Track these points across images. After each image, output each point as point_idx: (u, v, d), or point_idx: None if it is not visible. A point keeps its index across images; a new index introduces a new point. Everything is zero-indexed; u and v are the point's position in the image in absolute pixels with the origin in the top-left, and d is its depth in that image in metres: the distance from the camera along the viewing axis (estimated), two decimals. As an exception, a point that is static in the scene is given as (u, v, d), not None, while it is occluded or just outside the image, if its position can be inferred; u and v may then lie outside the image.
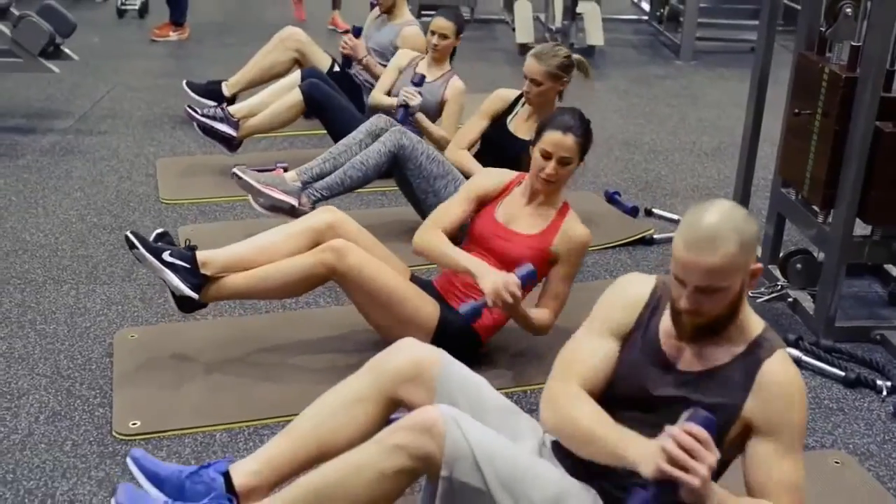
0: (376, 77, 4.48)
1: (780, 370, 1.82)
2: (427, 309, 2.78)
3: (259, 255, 2.79)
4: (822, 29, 3.23)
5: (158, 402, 2.68)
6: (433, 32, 4.12)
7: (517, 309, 2.68)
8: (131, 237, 2.71)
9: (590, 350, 1.94)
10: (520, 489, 1.82)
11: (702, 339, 1.85)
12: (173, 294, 2.77)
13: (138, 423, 2.58)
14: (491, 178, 2.99)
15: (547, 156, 2.76)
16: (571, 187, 3.32)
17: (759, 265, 1.81)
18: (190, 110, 4.32)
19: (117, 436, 2.54)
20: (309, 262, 2.72)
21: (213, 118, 4.29)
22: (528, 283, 2.68)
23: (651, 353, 1.90)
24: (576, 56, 3.59)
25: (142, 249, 2.70)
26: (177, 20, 6.93)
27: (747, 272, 1.79)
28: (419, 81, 4.06)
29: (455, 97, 4.10)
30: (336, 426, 2.05)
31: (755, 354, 1.83)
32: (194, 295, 2.73)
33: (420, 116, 4.05)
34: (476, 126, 3.71)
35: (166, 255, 2.72)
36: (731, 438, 1.83)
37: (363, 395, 2.07)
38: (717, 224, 1.72)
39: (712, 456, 1.64)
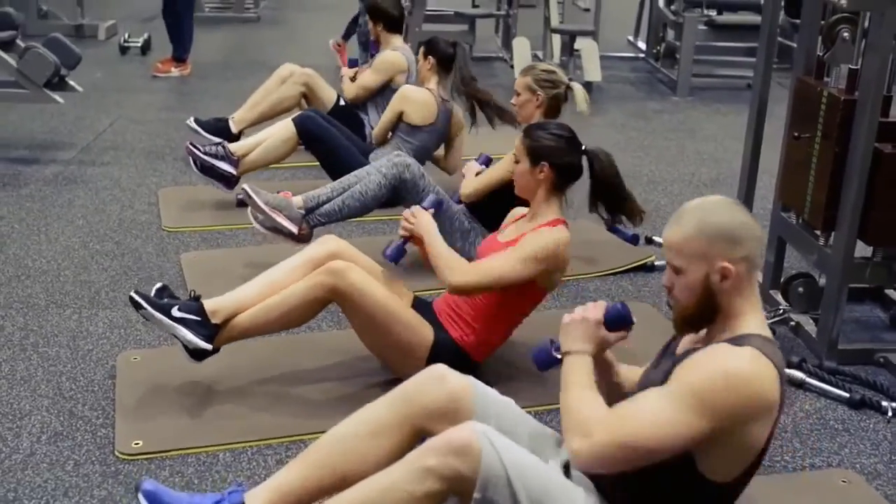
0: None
1: (724, 347, 1.75)
2: (422, 333, 2.78)
3: (263, 294, 2.77)
4: (820, 53, 3.27)
5: (161, 423, 2.67)
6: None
7: (418, 236, 2.85)
8: (136, 297, 2.67)
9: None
10: None
11: (687, 330, 1.91)
12: (185, 346, 2.72)
13: (141, 442, 2.57)
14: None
15: None
16: (573, 217, 3.33)
17: (728, 265, 1.78)
18: (192, 147, 4.25)
19: (120, 455, 2.52)
20: (308, 287, 2.71)
21: (215, 156, 4.25)
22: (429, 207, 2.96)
23: (666, 353, 1.98)
24: (573, 83, 3.62)
25: (149, 308, 2.66)
26: (179, 56, 6.99)
27: (713, 266, 1.79)
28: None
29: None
30: (359, 456, 1.99)
31: (723, 342, 1.81)
32: (208, 346, 2.69)
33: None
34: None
35: (175, 311, 2.68)
36: None
37: (390, 424, 2.01)
38: (690, 205, 1.85)
39: (591, 311, 1.93)
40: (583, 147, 2.86)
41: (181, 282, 3.59)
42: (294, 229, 3.48)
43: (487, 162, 3.81)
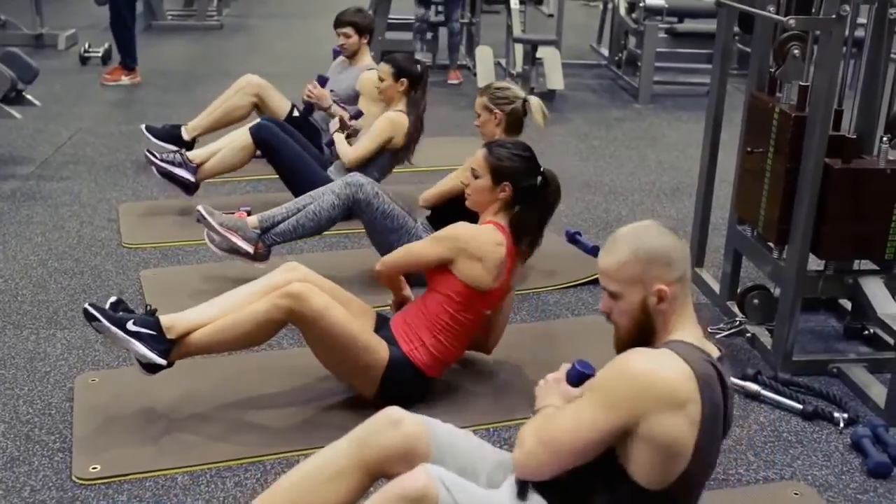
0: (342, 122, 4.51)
1: (633, 351, 1.86)
2: (378, 353, 2.79)
3: (223, 314, 2.75)
4: (772, 70, 3.32)
5: (119, 446, 2.65)
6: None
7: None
8: (91, 310, 2.64)
9: None
10: None
11: None
12: (139, 361, 2.71)
13: (98, 467, 2.55)
14: None
15: None
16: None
17: (664, 287, 1.87)
18: (150, 154, 4.35)
19: (77, 480, 2.51)
20: (266, 308, 2.69)
21: (172, 163, 4.32)
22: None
23: None
24: (529, 97, 3.65)
25: (104, 321, 2.63)
26: (128, 65, 6.96)
27: (650, 289, 1.87)
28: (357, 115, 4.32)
29: None
30: (318, 500, 2.00)
31: None
32: (163, 362, 2.67)
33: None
34: None
35: (130, 325, 2.65)
36: None
37: (346, 469, 2.02)
38: (621, 232, 1.94)
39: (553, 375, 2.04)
40: (541, 169, 2.90)
41: (140, 299, 3.58)
42: (250, 249, 3.49)
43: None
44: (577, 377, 2.03)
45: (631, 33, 7.76)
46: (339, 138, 4.29)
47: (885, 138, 3.13)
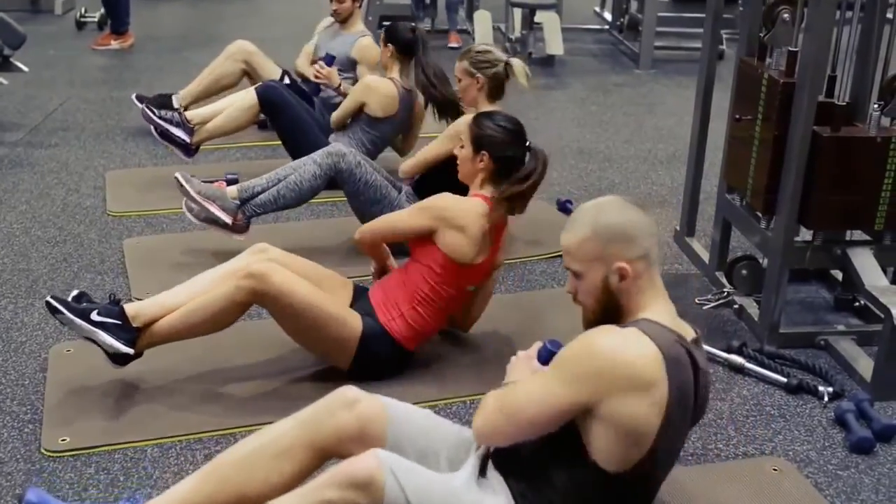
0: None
1: (599, 328, 1.82)
2: (350, 326, 2.74)
3: (189, 299, 2.70)
4: (762, 35, 3.23)
5: (90, 418, 2.63)
6: None
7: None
8: (53, 302, 2.60)
9: None
10: None
11: None
12: (106, 351, 2.67)
13: (68, 439, 2.53)
14: None
15: None
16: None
17: (624, 265, 1.82)
18: (148, 110, 4.27)
19: (45, 453, 2.49)
20: (228, 290, 2.64)
21: (170, 121, 4.28)
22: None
23: None
24: (511, 59, 3.57)
25: (67, 314, 2.60)
26: (117, 29, 6.89)
27: (611, 266, 1.82)
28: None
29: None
30: (261, 476, 1.95)
31: None
32: (130, 351, 2.64)
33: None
34: None
35: (94, 315, 2.62)
36: None
37: (295, 446, 1.97)
38: (582, 208, 1.90)
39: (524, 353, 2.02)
40: (527, 143, 2.83)
41: (122, 268, 3.54)
42: (228, 220, 3.43)
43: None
44: (548, 356, 1.99)
45: (633, -3, 7.63)
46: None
47: (876, 105, 3.05)
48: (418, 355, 2.92)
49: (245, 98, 4.30)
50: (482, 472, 1.92)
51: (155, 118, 4.26)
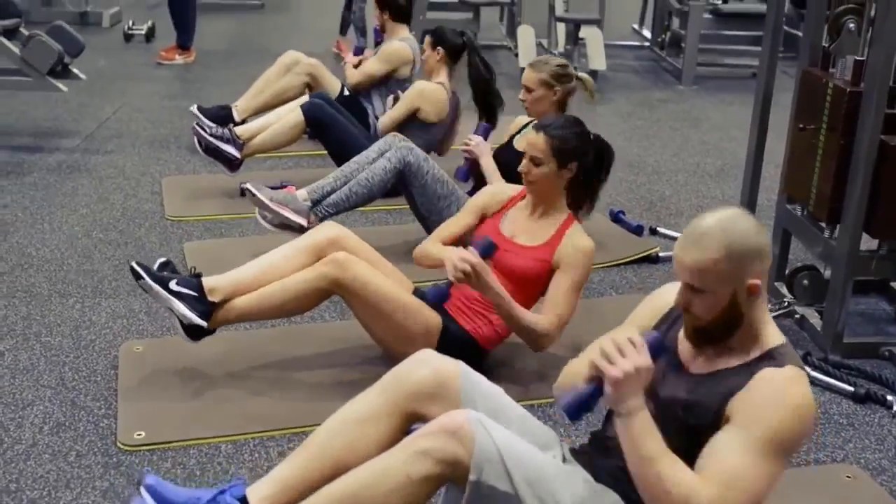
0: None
1: (779, 377, 1.73)
2: (429, 321, 2.77)
3: (263, 276, 2.78)
4: (826, 45, 3.24)
5: (163, 414, 2.66)
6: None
7: (483, 282, 2.57)
8: (136, 268, 2.69)
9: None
10: (548, 491, 1.80)
11: (705, 343, 1.83)
12: (181, 322, 2.73)
13: (143, 433, 2.56)
14: (493, 192, 3.06)
15: (524, 154, 2.81)
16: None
17: (757, 282, 1.75)
18: (199, 128, 4.30)
19: (122, 446, 2.52)
20: (311, 277, 2.71)
21: (221, 138, 4.30)
22: (487, 255, 2.66)
23: (667, 356, 1.89)
24: (580, 73, 3.61)
25: (148, 279, 2.68)
26: (183, 44, 6.97)
27: (742, 285, 1.74)
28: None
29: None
30: (350, 443, 1.98)
31: (763, 363, 1.79)
32: (203, 323, 2.70)
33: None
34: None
35: (173, 284, 2.69)
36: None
37: (379, 411, 2.01)
38: (709, 226, 1.74)
39: (640, 357, 1.70)
40: (591, 136, 2.89)
41: (184, 270, 3.58)
42: (304, 222, 3.47)
43: (486, 133, 3.75)
44: (660, 350, 1.80)
45: (675, 14, 7.66)
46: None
47: (943, 115, 3.05)
48: (487, 359, 2.93)
49: (291, 116, 4.33)
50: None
51: (205, 135, 4.26)
